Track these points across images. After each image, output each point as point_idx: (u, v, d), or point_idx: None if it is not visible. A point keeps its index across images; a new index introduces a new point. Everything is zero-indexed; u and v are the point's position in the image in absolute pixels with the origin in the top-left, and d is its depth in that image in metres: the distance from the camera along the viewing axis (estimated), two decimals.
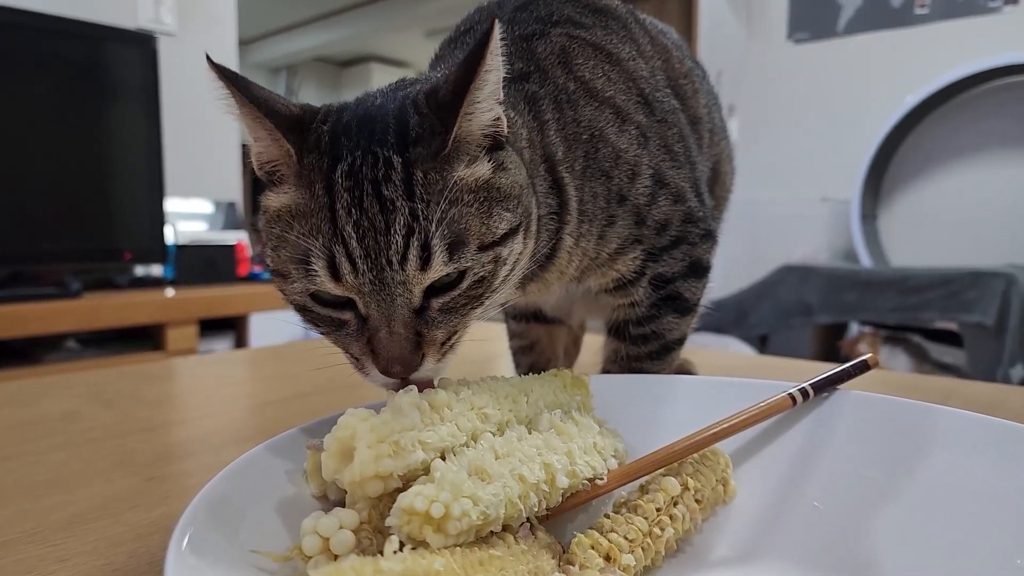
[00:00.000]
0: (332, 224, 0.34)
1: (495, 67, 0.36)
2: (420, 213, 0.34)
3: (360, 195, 0.34)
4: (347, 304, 0.36)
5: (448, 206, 0.35)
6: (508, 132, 0.40)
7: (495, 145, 0.39)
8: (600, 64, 0.50)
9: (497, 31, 0.35)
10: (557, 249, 0.47)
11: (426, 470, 0.30)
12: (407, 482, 0.30)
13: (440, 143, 0.36)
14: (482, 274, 0.36)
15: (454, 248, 0.34)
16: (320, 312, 0.37)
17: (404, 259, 0.34)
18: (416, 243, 0.34)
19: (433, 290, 0.35)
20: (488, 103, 0.37)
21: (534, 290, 0.49)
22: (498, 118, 0.38)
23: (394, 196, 0.34)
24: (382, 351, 0.35)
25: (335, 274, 0.35)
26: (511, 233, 0.38)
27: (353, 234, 0.34)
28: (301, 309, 0.39)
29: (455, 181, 0.35)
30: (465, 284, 0.36)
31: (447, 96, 0.36)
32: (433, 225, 0.34)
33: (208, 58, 0.38)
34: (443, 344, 0.37)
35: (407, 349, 0.35)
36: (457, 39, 0.53)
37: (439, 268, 0.34)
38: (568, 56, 0.49)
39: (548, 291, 0.51)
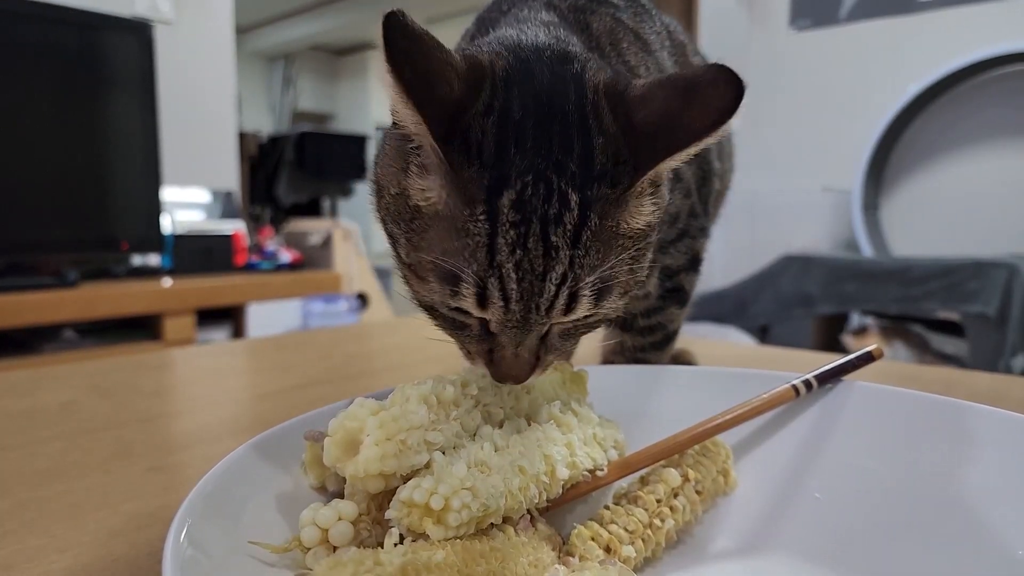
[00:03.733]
0: (490, 255, 0.31)
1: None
2: (579, 262, 0.31)
3: (526, 232, 0.30)
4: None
5: (603, 253, 0.32)
6: None
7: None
8: (640, 51, 0.48)
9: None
10: None
11: (426, 464, 0.30)
12: (407, 480, 0.30)
13: (626, 184, 0.32)
14: (602, 317, 0.35)
15: (600, 297, 0.32)
16: (447, 314, 0.34)
17: (552, 306, 0.32)
18: (566, 291, 0.31)
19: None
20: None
21: None
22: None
23: (560, 243, 0.31)
24: (503, 367, 0.34)
25: (482, 303, 0.32)
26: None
27: (512, 275, 0.31)
28: (427, 306, 0.36)
29: (624, 229, 0.33)
30: (593, 320, 0.35)
31: (651, 129, 0.31)
32: (587, 275, 0.31)
33: (389, 17, 0.29)
34: (545, 363, 0.36)
35: (526, 370, 0.34)
36: (506, 12, 0.47)
37: (580, 315, 0.33)
38: (616, 37, 0.47)
39: None
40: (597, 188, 0.31)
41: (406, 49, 0.30)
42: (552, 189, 0.31)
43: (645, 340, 0.53)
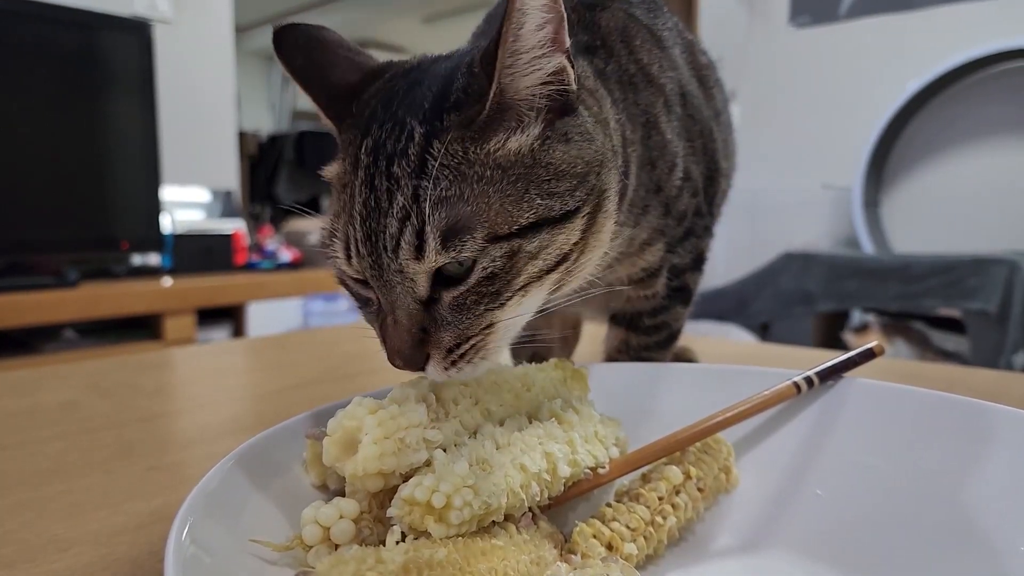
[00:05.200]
0: (350, 203, 0.32)
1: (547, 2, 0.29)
2: (424, 194, 0.30)
3: (375, 172, 0.31)
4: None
5: (458, 184, 0.30)
6: (584, 93, 0.35)
7: (561, 109, 0.33)
8: (653, 48, 0.47)
9: None
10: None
11: (427, 462, 0.30)
12: (407, 478, 0.30)
13: (479, 107, 0.31)
14: (492, 270, 0.31)
15: (450, 236, 0.30)
16: (351, 288, 0.35)
17: (398, 245, 0.30)
18: (411, 228, 0.30)
19: (446, 281, 0.31)
20: (539, 50, 0.30)
21: None
22: (559, 71, 0.32)
23: (401, 173, 0.30)
24: (387, 340, 0.32)
25: (348, 256, 0.32)
26: (546, 223, 0.31)
27: (358, 215, 0.31)
28: (341, 283, 0.36)
29: (482, 153, 0.31)
30: (473, 279, 0.31)
31: (490, 46, 0.30)
32: (429, 207, 0.30)
33: (275, 29, 0.36)
34: (452, 351, 0.32)
35: (407, 343, 0.31)
36: None
37: (432, 258, 0.30)
38: (628, 34, 0.46)
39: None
40: (449, 117, 0.31)
41: (299, 45, 0.36)
42: (403, 129, 0.31)
43: (650, 339, 0.53)
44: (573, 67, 0.33)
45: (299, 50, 0.37)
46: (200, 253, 2.10)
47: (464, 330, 0.32)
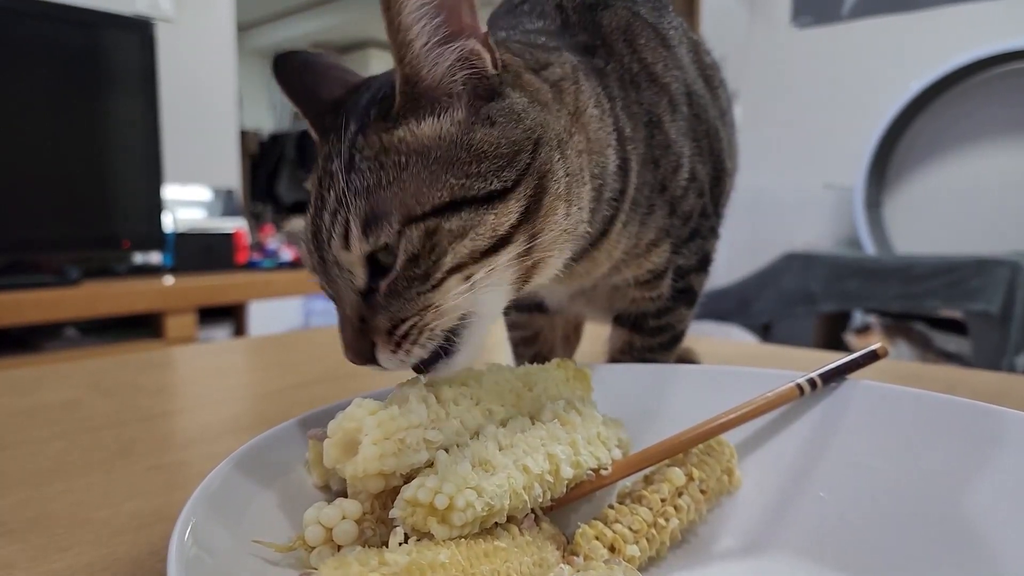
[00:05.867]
0: (308, 206, 0.35)
1: None
2: (352, 185, 0.32)
3: (321, 174, 0.34)
4: None
5: (377, 173, 0.31)
6: (510, 76, 0.35)
7: (487, 94, 0.33)
8: (658, 47, 0.48)
9: None
10: (608, 232, 0.44)
11: (429, 463, 0.30)
12: (409, 478, 0.29)
13: (389, 102, 0.33)
14: (412, 251, 0.31)
15: (369, 223, 0.31)
16: (324, 291, 0.36)
17: (332, 237, 0.32)
18: (339, 220, 0.32)
19: (383, 271, 0.32)
20: (435, 38, 0.31)
21: (580, 272, 0.45)
22: (470, 56, 0.32)
23: (336, 169, 0.33)
24: (341, 335, 0.34)
25: (307, 255, 0.35)
26: (466, 203, 0.32)
27: (309, 215, 0.34)
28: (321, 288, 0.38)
29: (397, 141, 0.32)
30: (398, 263, 0.32)
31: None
32: (352, 197, 0.31)
33: (274, 58, 0.40)
34: (391, 334, 0.32)
35: (352, 335, 0.33)
36: (513, 9, 0.49)
37: (357, 246, 0.31)
38: (632, 33, 0.46)
39: (594, 274, 0.47)
40: (372, 113, 0.33)
41: (294, 69, 0.40)
42: (346, 130, 0.33)
43: (654, 340, 0.53)
44: (492, 52, 0.33)
45: (295, 74, 0.40)
46: (201, 252, 2.10)
47: (397, 312, 0.32)
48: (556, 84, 0.39)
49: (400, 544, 0.27)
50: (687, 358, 0.68)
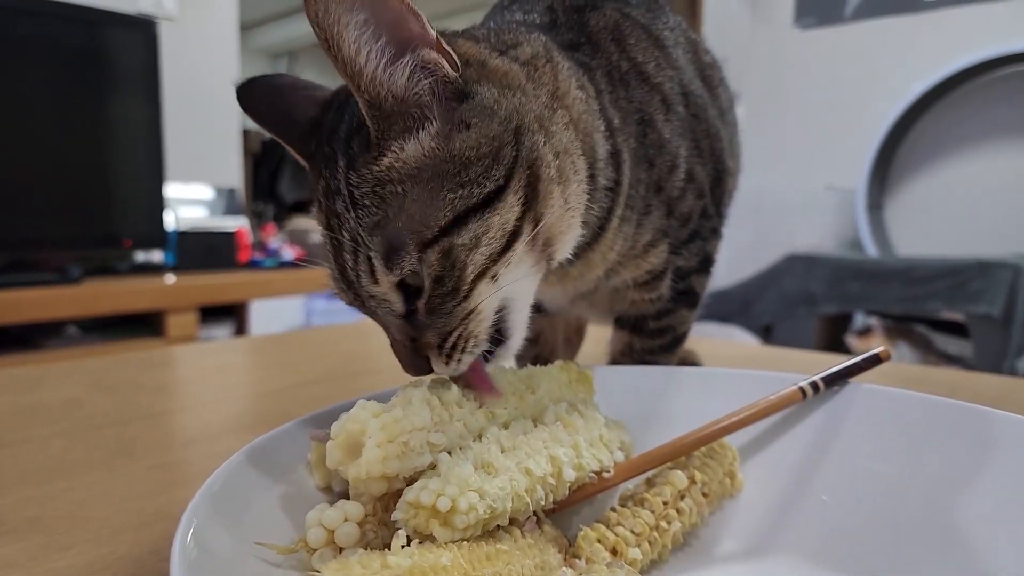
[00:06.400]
0: (324, 245, 0.35)
1: None
2: (358, 224, 0.32)
3: (328, 213, 0.34)
4: None
5: (381, 206, 0.31)
6: (476, 67, 0.34)
7: (456, 97, 0.33)
8: (651, 47, 0.47)
9: None
10: (605, 228, 0.43)
11: (432, 465, 0.30)
12: (411, 481, 0.29)
13: (367, 130, 0.32)
14: (436, 273, 0.32)
15: (390, 256, 0.31)
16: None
17: (358, 275, 0.33)
18: (362, 258, 0.32)
19: (416, 292, 0.33)
20: (383, 56, 0.31)
21: (575, 274, 0.45)
22: (427, 65, 0.32)
23: (341, 210, 0.33)
24: (395, 354, 0.35)
25: (339, 292, 0.36)
26: (471, 213, 0.32)
27: (330, 255, 0.34)
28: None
29: (383, 173, 0.32)
30: (427, 285, 0.32)
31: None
32: (366, 235, 0.32)
33: (236, 88, 0.39)
34: (442, 347, 0.34)
35: (406, 354, 0.34)
36: (504, 8, 0.50)
37: (384, 280, 0.32)
38: (622, 33, 0.46)
39: (589, 275, 0.47)
40: (352, 145, 0.33)
41: (261, 97, 0.40)
42: (335, 164, 0.33)
43: (654, 342, 0.53)
44: (448, 55, 0.33)
45: (261, 101, 0.40)
46: (203, 251, 2.10)
47: (443, 328, 0.33)
48: (529, 62, 0.39)
49: (402, 547, 0.27)
50: (688, 360, 0.68)
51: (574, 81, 0.40)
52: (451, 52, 0.33)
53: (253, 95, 0.41)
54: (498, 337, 0.36)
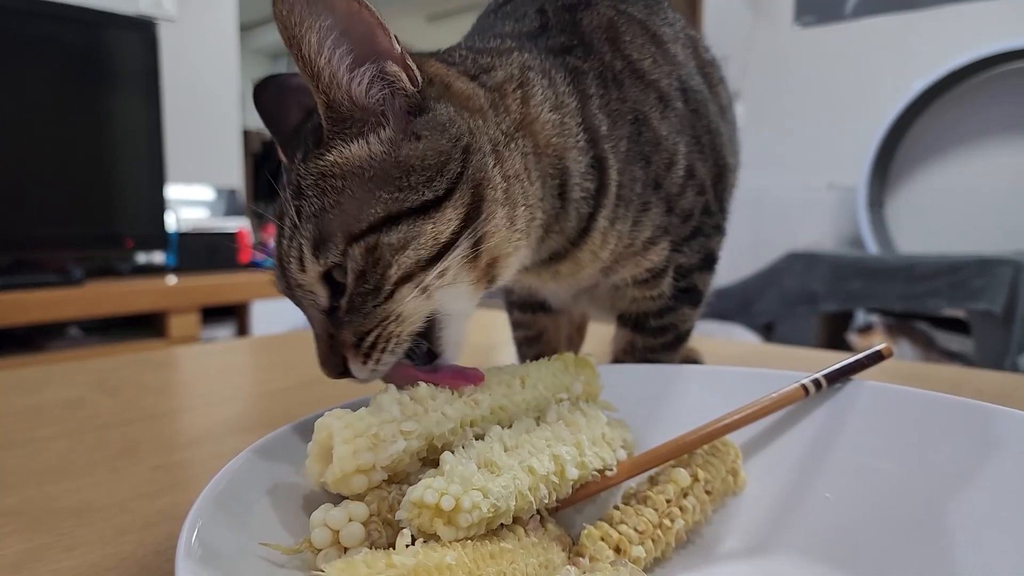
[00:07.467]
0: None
1: (328, 8, 0.31)
2: (302, 211, 0.34)
3: (280, 202, 0.36)
4: None
5: (318, 198, 0.33)
6: (436, 88, 0.36)
7: (414, 110, 0.35)
8: (647, 44, 0.47)
9: None
10: (589, 230, 0.44)
11: (419, 455, 0.30)
12: (393, 474, 0.30)
13: (320, 130, 0.35)
14: (359, 268, 0.33)
15: (319, 245, 0.33)
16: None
17: (290, 261, 0.35)
18: (295, 245, 0.34)
19: (341, 289, 0.34)
20: (342, 63, 0.33)
21: (565, 272, 0.46)
22: (386, 77, 0.34)
23: (287, 198, 0.35)
24: (316, 352, 0.36)
25: (276, 279, 0.37)
26: (404, 216, 0.33)
27: (275, 240, 0.36)
28: None
29: (327, 167, 0.34)
30: (350, 281, 0.34)
31: None
32: (302, 222, 0.34)
33: (254, 85, 0.41)
34: (358, 346, 0.34)
35: (323, 352, 0.35)
36: (497, 9, 0.50)
37: (311, 268, 0.34)
38: (616, 31, 0.46)
39: (581, 274, 0.47)
40: (308, 142, 0.35)
41: (270, 97, 0.41)
42: (293, 156, 0.36)
43: (656, 340, 0.53)
44: (410, 70, 0.35)
45: (271, 101, 0.42)
46: (204, 251, 2.10)
47: (359, 326, 0.34)
48: (498, 88, 0.40)
49: (407, 546, 0.27)
50: (691, 358, 0.68)
51: (547, 105, 0.41)
52: (413, 68, 0.35)
53: (265, 94, 0.42)
54: (432, 352, 0.37)
